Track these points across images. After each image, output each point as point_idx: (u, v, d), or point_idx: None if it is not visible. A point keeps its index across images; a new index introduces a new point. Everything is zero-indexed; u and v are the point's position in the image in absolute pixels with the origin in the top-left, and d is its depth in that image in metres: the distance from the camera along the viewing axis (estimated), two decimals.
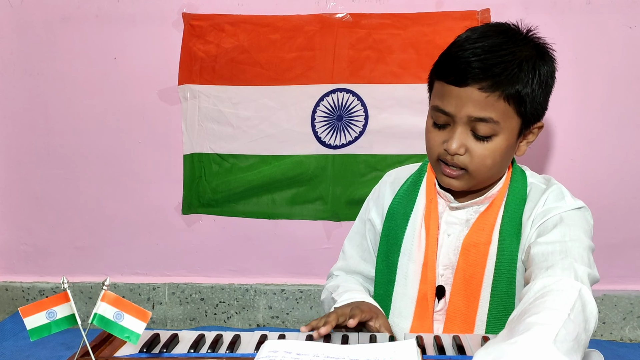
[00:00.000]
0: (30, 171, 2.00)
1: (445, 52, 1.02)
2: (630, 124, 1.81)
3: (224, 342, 0.91)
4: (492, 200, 1.06)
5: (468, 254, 1.05)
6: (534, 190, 1.07)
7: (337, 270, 1.26)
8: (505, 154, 1.01)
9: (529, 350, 0.67)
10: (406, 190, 1.16)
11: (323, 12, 1.83)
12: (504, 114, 0.96)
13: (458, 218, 1.08)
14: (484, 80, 0.94)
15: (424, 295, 1.08)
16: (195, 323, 2.05)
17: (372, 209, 1.22)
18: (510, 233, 1.03)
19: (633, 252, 1.88)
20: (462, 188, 1.04)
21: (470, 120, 0.96)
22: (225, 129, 1.92)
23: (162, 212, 2.00)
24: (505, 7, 1.75)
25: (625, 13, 1.75)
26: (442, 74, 0.99)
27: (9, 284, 2.08)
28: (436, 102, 1.00)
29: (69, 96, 1.94)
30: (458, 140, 0.97)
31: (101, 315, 0.79)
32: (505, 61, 0.94)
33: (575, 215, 1.00)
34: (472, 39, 0.97)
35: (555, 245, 0.93)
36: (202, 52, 1.88)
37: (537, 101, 0.99)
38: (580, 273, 0.86)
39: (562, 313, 0.74)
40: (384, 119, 1.86)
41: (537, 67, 0.98)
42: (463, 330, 1.04)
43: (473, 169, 1.00)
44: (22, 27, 1.91)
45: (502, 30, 1.00)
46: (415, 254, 1.10)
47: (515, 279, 1.03)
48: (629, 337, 1.93)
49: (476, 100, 0.95)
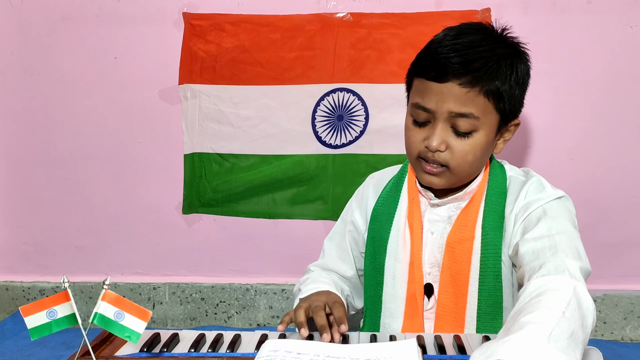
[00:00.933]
0: (31, 171, 2.01)
1: (424, 49, 1.04)
2: (630, 124, 1.81)
3: (224, 342, 0.91)
4: (472, 195, 1.07)
5: (453, 251, 1.05)
6: (513, 183, 1.07)
7: (314, 266, 1.27)
8: (485, 150, 1.02)
9: (521, 348, 0.67)
10: (389, 191, 1.16)
11: (323, 11, 1.83)
12: (484, 109, 0.97)
13: (440, 215, 1.09)
14: (464, 76, 0.95)
15: (413, 294, 1.08)
16: (195, 323, 2.05)
17: (355, 210, 1.23)
18: (493, 227, 1.04)
19: (633, 251, 1.88)
20: (442, 186, 1.04)
21: (451, 116, 0.97)
22: (225, 129, 1.92)
23: (162, 211, 2.00)
24: (505, 7, 1.75)
25: (626, 13, 1.75)
26: (422, 70, 1.00)
27: (9, 283, 2.08)
28: (416, 99, 1.01)
29: (69, 96, 1.94)
30: (439, 136, 0.98)
31: (102, 314, 0.80)
32: (484, 57, 0.96)
33: (557, 205, 1.01)
34: (451, 36, 0.99)
35: (543, 241, 0.93)
36: (202, 51, 1.88)
37: (515, 98, 1.00)
38: (572, 269, 0.86)
39: (556, 311, 0.74)
40: (384, 119, 1.86)
41: (515, 64, 0.99)
42: (454, 327, 1.05)
43: (454, 165, 1.00)
44: (23, 26, 1.91)
45: (479, 29, 1.02)
46: (401, 254, 1.10)
47: (501, 272, 1.03)
48: (629, 336, 1.93)
49: (457, 95, 0.96)
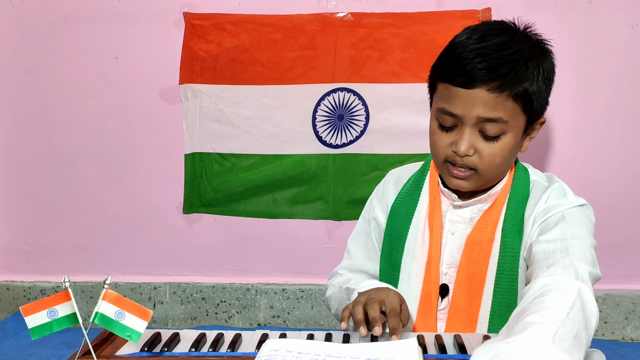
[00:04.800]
0: (32, 170, 2.01)
1: (447, 52, 1.00)
2: (632, 123, 1.81)
3: (225, 341, 0.91)
4: (496, 198, 1.06)
5: (471, 251, 1.05)
6: (536, 188, 1.06)
7: (342, 269, 1.23)
8: (513, 152, 1.01)
9: (526, 348, 0.67)
10: (409, 188, 1.15)
11: (324, 11, 1.83)
12: (512, 112, 0.96)
13: (461, 216, 1.08)
14: (492, 81, 0.93)
15: (428, 294, 1.07)
16: (196, 322, 2.05)
17: (376, 207, 1.20)
18: (513, 230, 1.03)
19: (635, 251, 1.88)
20: (470, 188, 1.03)
21: (479, 121, 0.95)
22: (226, 129, 1.92)
23: (163, 211, 2.00)
24: (506, 6, 1.75)
25: (627, 12, 1.75)
26: (447, 76, 0.97)
27: (10, 283, 2.08)
28: (442, 104, 0.99)
29: (70, 95, 1.94)
30: (467, 141, 0.97)
31: (102, 314, 0.79)
32: (512, 60, 0.94)
33: (577, 212, 1.00)
34: (475, 39, 0.96)
35: (556, 244, 0.93)
36: (203, 51, 1.88)
37: (542, 97, 0.99)
38: (580, 272, 0.86)
39: (561, 312, 0.74)
40: (384, 119, 1.86)
41: (541, 63, 0.97)
42: (465, 328, 1.04)
43: (482, 168, 0.99)
44: (24, 26, 1.91)
45: (503, 29, 0.99)
46: (418, 252, 1.09)
47: (517, 276, 1.02)
48: (630, 336, 1.93)
49: (485, 101, 0.94)
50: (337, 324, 2.05)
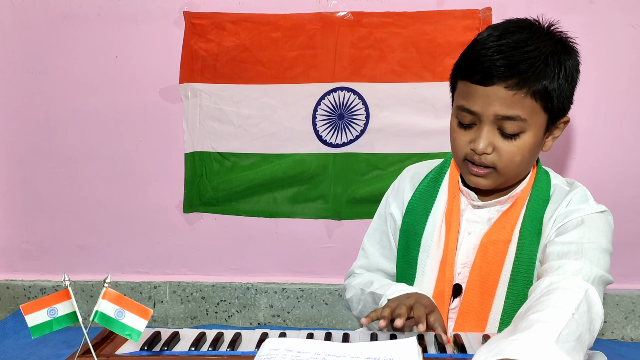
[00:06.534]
0: (32, 169, 2.01)
1: (467, 50, 1.00)
2: (633, 123, 1.81)
3: (224, 341, 0.91)
4: (515, 199, 1.05)
5: (486, 251, 1.04)
6: (557, 192, 1.05)
7: (359, 269, 1.22)
8: (533, 151, 0.99)
9: (528, 348, 0.67)
10: (427, 185, 1.14)
11: (324, 10, 1.83)
12: (532, 110, 0.94)
13: (480, 217, 1.07)
14: (510, 78, 0.92)
15: (441, 292, 1.06)
16: (196, 321, 2.05)
17: (392, 203, 1.19)
18: (531, 232, 1.02)
19: (635, 251, 1.88)
20: (490, 186, 1.02)
21: (497, 118, 0.94)
22: (226, 128, 1.92)
23: (163, 210, 2.00)
24: (507, 6, 1.75)
25: (629, 12, 1.74)
26: (466, 73, 0.97)
27: (10, 282, 2.08)
28: (461, 102, 0.98)
29: (70, 94, 1.94)
30: (486, 139, 0.96)
31: (102, 312, 0.79)
32: (531, 57, 0.92)
33: (597, 218, 0.99)
34: (495, 36, 0.95)
35: (571, 246, 0.93)
36: (203, 50, 1.87)
37: (564, 96, 0.97)
38: (590, 273, 0.85)
39: (567, 312, 0.74)
40: (385, 118, 1.85)
41: (563, 61, 0.96)
42: (475, 327, 1.03)
43: (502, 166, 0.98)
44: (24, 25, 1.91)
45: (525, 26, 0.98)
46: (433, 250, 1.08)
47: (532, 278, 1.01)
48: (630, 336, 1.93)
49: (503, 98, 0.93)
50: (337, 323, 2.07)
